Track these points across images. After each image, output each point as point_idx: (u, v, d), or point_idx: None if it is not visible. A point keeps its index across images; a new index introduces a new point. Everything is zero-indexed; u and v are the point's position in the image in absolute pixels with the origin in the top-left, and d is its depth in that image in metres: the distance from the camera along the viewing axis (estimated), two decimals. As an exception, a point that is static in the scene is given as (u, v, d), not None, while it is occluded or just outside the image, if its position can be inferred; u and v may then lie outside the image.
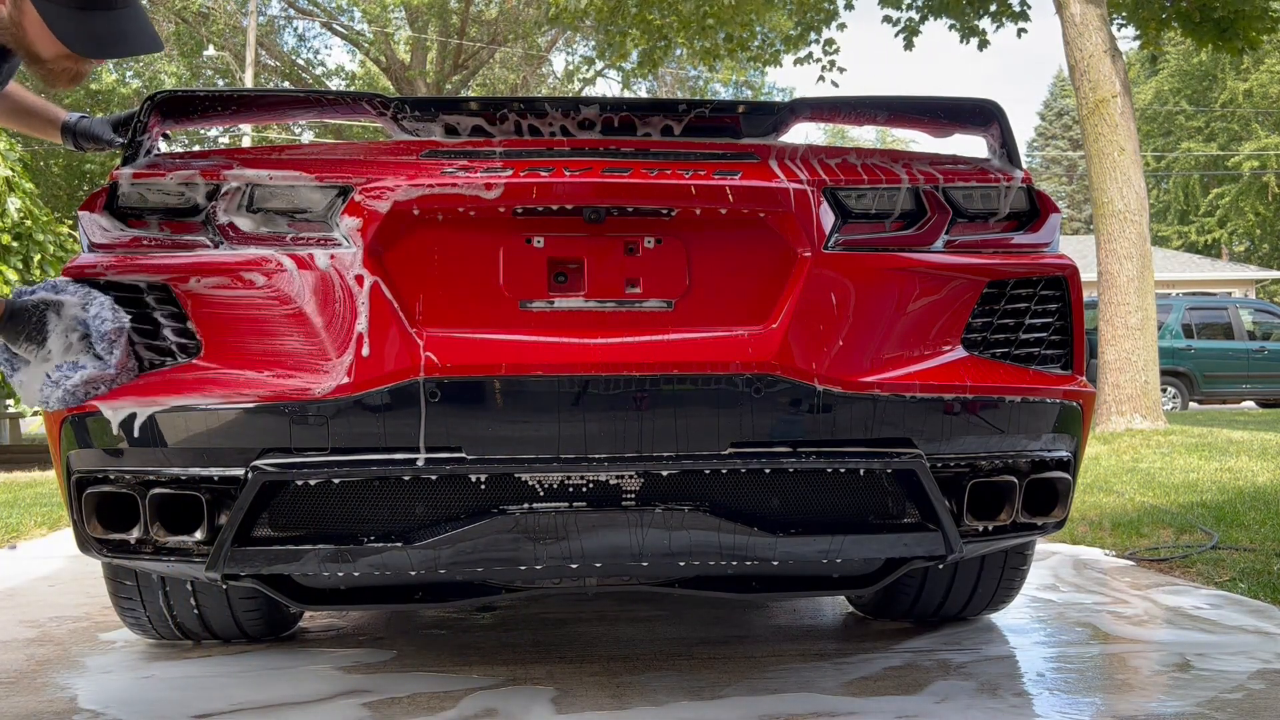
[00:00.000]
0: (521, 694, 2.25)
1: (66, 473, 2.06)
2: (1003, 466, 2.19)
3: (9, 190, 9.20)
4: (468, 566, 2.06)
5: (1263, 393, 16.62)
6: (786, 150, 2.20)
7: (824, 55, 13.13)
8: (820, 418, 2.01)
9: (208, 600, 2.59)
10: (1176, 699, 2.18)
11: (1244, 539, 3.97)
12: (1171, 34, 10.93)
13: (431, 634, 2.87)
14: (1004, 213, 2.23)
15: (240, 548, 1.99)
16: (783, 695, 2.22)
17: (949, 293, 2.13)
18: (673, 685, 2.30)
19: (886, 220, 2.15)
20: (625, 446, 1.97)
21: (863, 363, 2.04)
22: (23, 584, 3.80)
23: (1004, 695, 2.23)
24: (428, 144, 2.14)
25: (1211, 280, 28.22)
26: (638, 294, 2.03)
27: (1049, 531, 2.29)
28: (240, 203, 2.05)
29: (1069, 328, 2.23)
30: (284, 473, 1.93)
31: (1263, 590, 3.18)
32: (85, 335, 1.97)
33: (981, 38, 11.74)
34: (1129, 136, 9.18)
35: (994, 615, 2.95)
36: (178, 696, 2.29)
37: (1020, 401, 2.13)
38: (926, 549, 2.16)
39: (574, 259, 2.04)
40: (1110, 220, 9.15)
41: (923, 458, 2.05)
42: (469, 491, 2.02)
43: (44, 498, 6.44)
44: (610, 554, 2.07)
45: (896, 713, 2.11)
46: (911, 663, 2.48)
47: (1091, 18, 9.26)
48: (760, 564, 2.13)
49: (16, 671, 2.51)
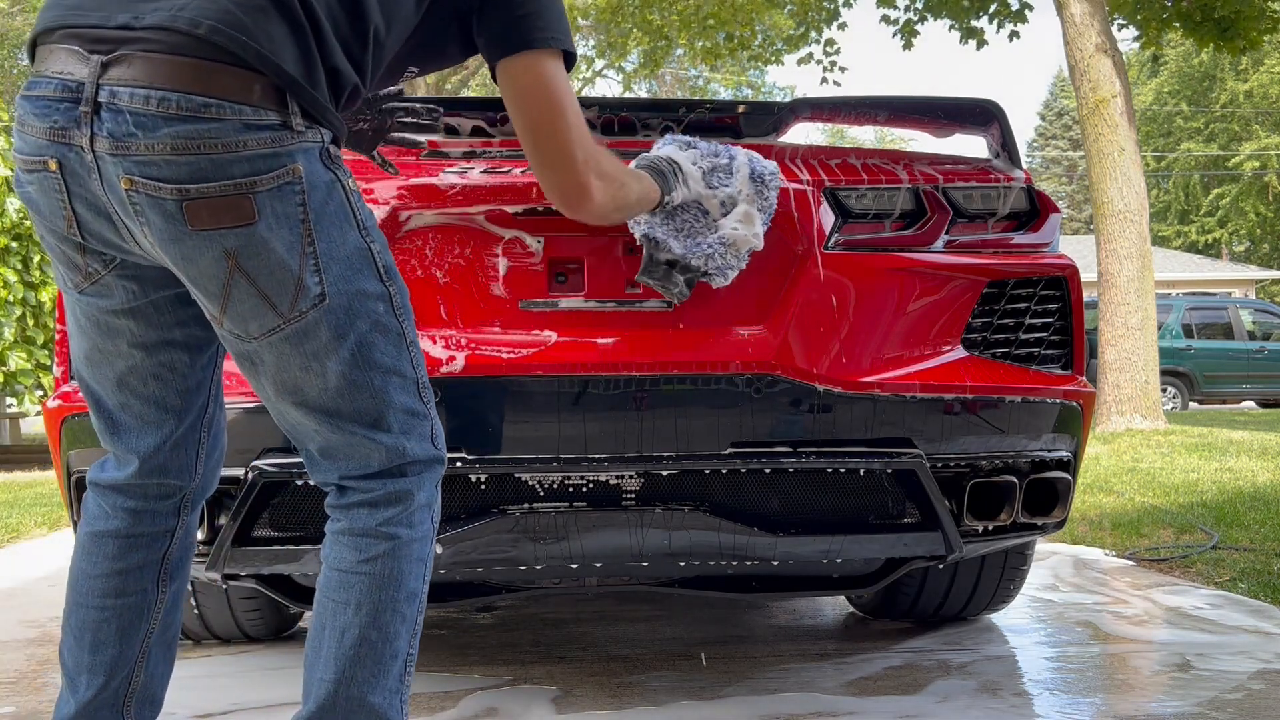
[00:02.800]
0: (522, 694, 2.25)
1: (66, 472, 2.06)
2: (1003, 466, 2.19)
3: (9, 190, 9.20)
4: (468, 566, 2.06)
5: (1263, 393, 16.63)
6: (786, 150, 2.20)
7: (825, 55, 13.14)
8: (820, 418, 2.01)
9: (208, 600, 2.59)
10: (1176, 699, 2.18)
11: (1244, 539, 3.97)
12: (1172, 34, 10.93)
13: (431, 634, 2.87)
14: (1004, 213, 2.23)
15: (240, 548, 1.99)
16: (783, 695, 2.23)
17: (949, 293, 2.13)
18: (673, 685, 2.30)
19: (886, 220, 2.15)
20: (625, 446, 1.97)
21: (863, 363, 2.04)
22: (23, 584, 3.80)
23: (1004, 695, 2.23)
24: (428, 144, 2.14)
25: (1211, 280, 28.23)
26: (638, 294, 2.04)
27: (1049, 531, 2.29)
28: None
29: (1069, 328, 2.23)
30: (284, 473, 1.93)
31: (1263, 590, 3.18)
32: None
33: (980, 38, 11.74)
34: (1129, 136, 9.18)
35: (994, 615, 2.95)
36: (178, 696, 2.29)
37: (1020, 401, 2.13)
38: (926, 549, 2.16)
39: (574, 259, 2.04)
40: (1110, 220, 9.15)
41: (923, 458, 2.05)
42: (469, 491, 2.02)
43: (44, 498, 6.44)
44: (610, 554, 2.07)
45: (896, 713, 2.11)
46: (911, 663, 2.48)
47: (1091, 18, 9.26)
48: (760, 564, 2.13)
49: (17, 671, 2.51)
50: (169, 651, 1.61)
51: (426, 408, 1.46)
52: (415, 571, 1.44)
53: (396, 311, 1.42)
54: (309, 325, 1.36)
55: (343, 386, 1.39)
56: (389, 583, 1.41)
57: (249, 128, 1.28)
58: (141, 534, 1.53)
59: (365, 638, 1.40)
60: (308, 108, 1.33)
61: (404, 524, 1.43)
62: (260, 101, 1.29)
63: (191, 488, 1.57)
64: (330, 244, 1.35)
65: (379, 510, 1.43)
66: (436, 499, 1.49)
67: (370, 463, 1.43)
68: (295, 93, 1.31)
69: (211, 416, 1.57)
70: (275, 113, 1.30)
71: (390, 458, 1.43)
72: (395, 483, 1.43)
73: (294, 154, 1.32)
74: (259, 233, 1.30)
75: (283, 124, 1.31)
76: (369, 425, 1.41)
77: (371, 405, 1.41)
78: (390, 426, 1.42)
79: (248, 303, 1.34)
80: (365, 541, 1.42)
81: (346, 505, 1.45)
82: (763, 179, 2.00)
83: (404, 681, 1.44)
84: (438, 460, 1.48)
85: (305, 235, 1.33)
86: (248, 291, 1.33)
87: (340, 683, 1.39)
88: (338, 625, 1.41)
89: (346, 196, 1.38)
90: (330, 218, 1.35)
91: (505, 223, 2.03)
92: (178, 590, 1.60)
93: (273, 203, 1.30)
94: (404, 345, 1.43)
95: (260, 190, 1.30)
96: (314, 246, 1.33)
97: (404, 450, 1.43)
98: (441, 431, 1.50)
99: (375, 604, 1.40)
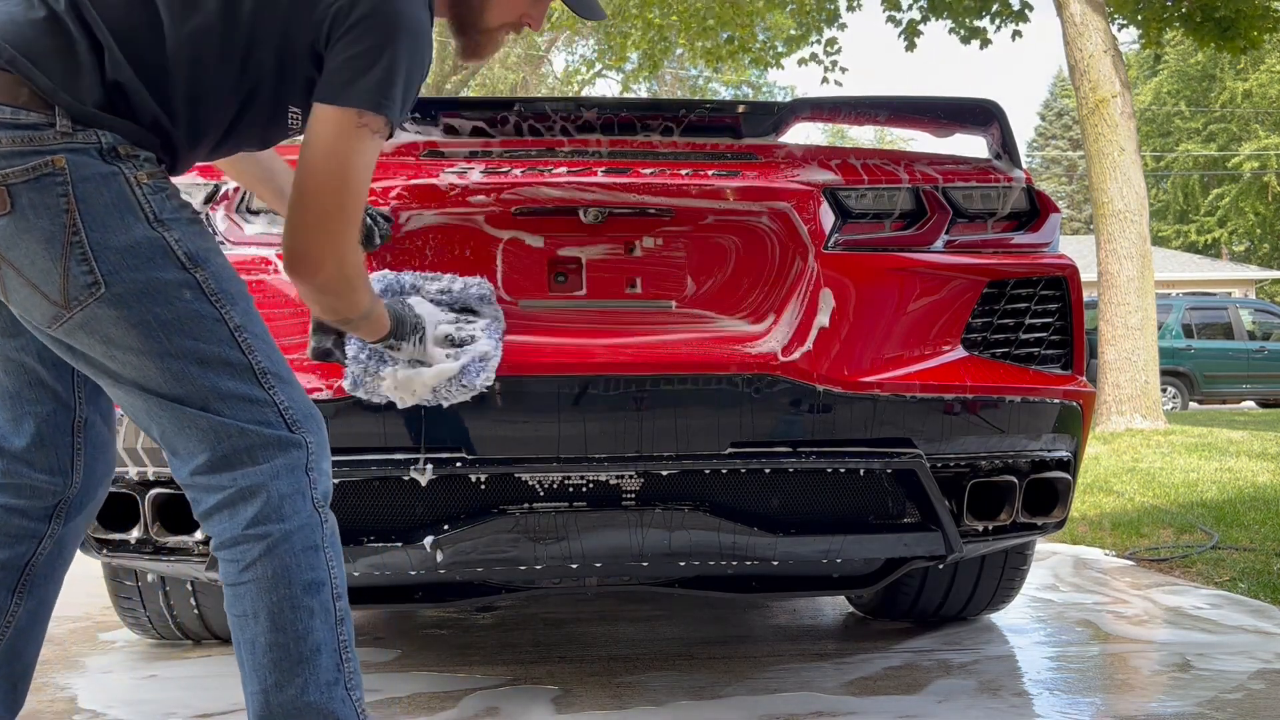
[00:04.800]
0: (522, 694, 2.25)
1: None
2: (1003, 466, 2.19)
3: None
4: (468, 566, 2.06)
5: (1263, 393, 16.62)
6: (786, 150, 2.20)
7: (826, 56, 13.13)
8: (820, 417, 2.01)
9: (208, 600, 2.59)
10: (1176, 699, 2.18)
11: (1244, 539, 3.97)
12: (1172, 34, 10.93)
13: (432, 634, 2.87)
14: (1004, 213, 2.23)
15: (240, 548, 1.99)
16: (783, 695, 2.23)
17: (949, 292, 2.13)
18: (673, 685, 2.30)
19: (886, 220, 2.15)
20: (625, 446, 1.97)
21: (863, 362, 2.04)
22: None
23: (1004, 695, 2.23)
24: (427, 144, 2.14)
25: (1211, 280, 28.21)
26: (638, 294, 2.03)
27: (1049, 531, 2.29)
28: (240, 203, 2.05)
29: (1069, 328, 2.23)
30: (284, 473, 1.92)
31: (1263, 590, 3.18)
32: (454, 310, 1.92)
33: (983, 38, 11.74)
34: (1129, 136, 9.17)
35: (994, 615, 2.95)
36: (178, 696, 2.29)
37: (1020, 401, 2.13)
38: (926, 549, 2.16)
39: (574, 259, 2.04)
40: (1110, 220, 9.14)
41: (923, 458, 2.05)
42: (469, 491, 2.02)
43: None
44: (610, 554, 2.07)
45: (896, 713, 2.11)
46: (911, 663, 2.48)
47: (1092, 18, 9.26)
48: (760, 564, 2.13)
49: (17, 671, 2.51)
50: (14, 692, 1.56)
51: (269, 393, 1.42)
52: (307, 561, 1.41)
53: (210, 297, 1.40)
54: (94, 314, 1.36)
55: (153, 373, 1.38)
56: (278, 583, 1.39)
57: (4, 126, 1.33)
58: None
59: (274, 643, 1.39)
60: (76, 115, 1.35)
61: (272, 519, 1.40)
62: (26, 104, 1.34)
63: (68, 495, 1.54)
64: (104, 233, 1.35)
65: (238, 511, 1.40)
66: (308, 481, 1.43)
67: (200, 450, 1.40)
68: (56, 100, 1.34)
69: (86, 422, 1.55)
70: (38, 114, 1.34)
71: (229, 451, 1.40)
72: (244, 475, 1.40)
73: (55, 150, 1.34)
74: (14, 222, 1.33)
75: (46, 123, 1.34)
76: (194, 410, 1.39)
77: (192, 392, 1.39)
78: (224, 417, 1.40)
79: (22, 292, 1.37)
80: (238, 551, 1.40)
81: (206, 515, 1.43)
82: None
83: (341, 670, 1.42)
84: (290, 443, 1.42)
85: (70, 225, 1.34)
86: (18, 281, 1.37)
87: (267, 692, 1.39)
88: (246, 638, 1.40)
89: (131, 188, 1.37)
90: (105, 208, 1.35)
91: (505, 223, 2.03)
92: (35, 610, 1.54)
93: (29, 193, 1.33)
94: (225, 330, 1.41)
95: (14, 182, 1.32)
96: (81, 235, 1.34)
97: (245, 438, 1.40)
98: (303, 414, 1.45)
99: (271, 607, 1.39)
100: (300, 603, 1.39)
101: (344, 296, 1.56)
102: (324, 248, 1.47)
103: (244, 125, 1.51)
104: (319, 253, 1.48)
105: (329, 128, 1.44)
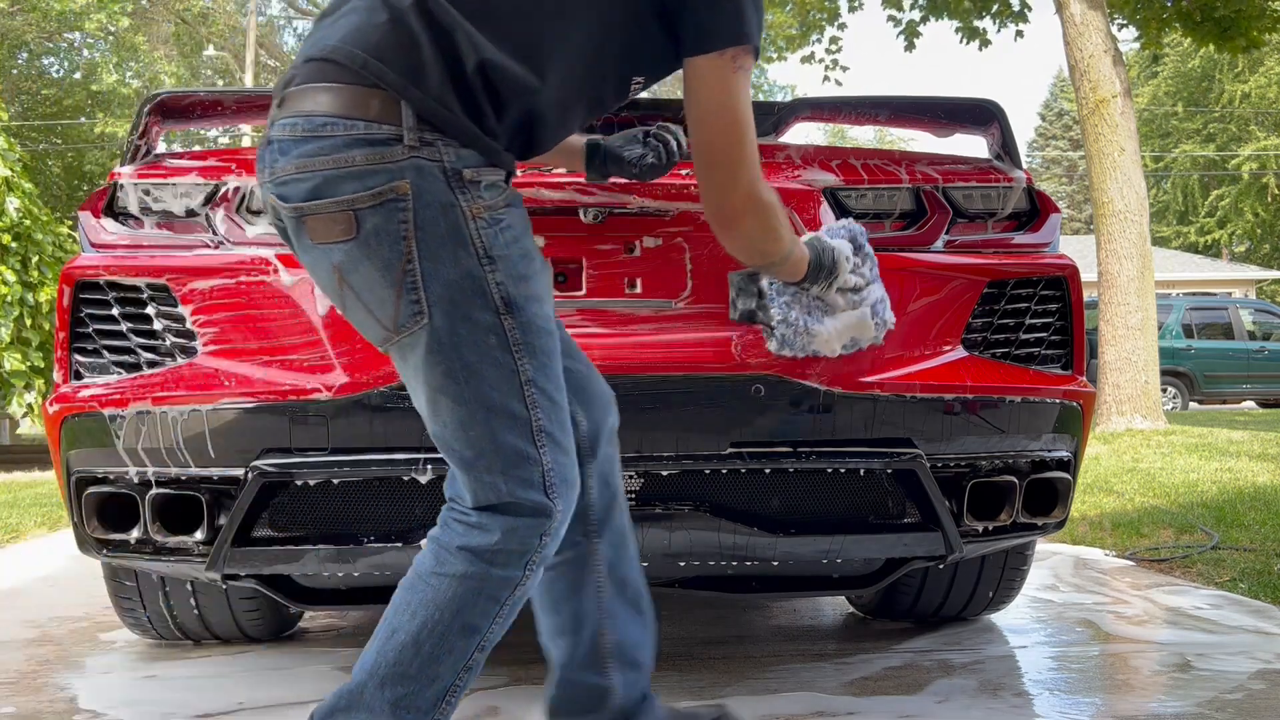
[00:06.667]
0: (523, 693, 2.25)
1: (66, 473, 2.06)
2: (1003, 466, 2.19)
3: (8, 190, 9.20)
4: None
5: (1263, 393, 16.62)
6: (786, 150, 2.20)
7: (826, 54, 13.13)
8: (820, 418, 2.01)
9: (208, 600, 2.58)
10: (1176, 699, 2.18)
11: (1244, 539, 3.97)
12: (1172, 35, 10.93)
13: (431, 634, 2.87)
14: (1004, 213, 2.23)
15: (240, 548, 1.99)
16: (783, 695, 2.22)
17: (949, 292, 2.13)
18: (673, 685, 2.30)
19: (886, 220, 2.15)
20: (625, 446, 1.96)
21: (863, 362, 2.03)
22: (23, 584, 3.80)
23: (1004, 695, 2.23)
24: None
25: (1211, 280, 28.22)
26: (638, 294, 2.03)
27: (1049, 532, 2.29)
28: (240, 203, 2.05)
29: (1069, 328, 2.23)
30: (284, 473, 1.93)
31: (1263, 590, 3.18)
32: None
33: (982, 38, 11.74)
34: (1129, 136, 9.18)
35: (994, 615, 2.95)
36: (178, 696, 2.29)
37: (1020, 401, 2.13)
38: (926, 549, 2.15)
39: (574, 259, 2.04)
40: (1110, 220, 9.15)
41: (923, 458, 2.05)
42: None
43: (44, 498, 6.44)
44: (610, 554, 2.06)
45: (896, 713, 2.11)
46: (911, 663, 2.48)
47: (1092, 18, 9.26)
48: (760, 564, 2.13)
49: (17, 671, 2.51)
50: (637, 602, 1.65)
51: (540, 453, 1.41)
52: (481, 609, 1.41)
53: (513, 347, 1.39)
54: (414, 342, 1.37)
55: (442, 411, 1.40)
56: (449, 605, 1.40)
57: (359, 143, 1.32)
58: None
59: (407, 647, 1.39)
60: (422, 111, 1.33)
61: (489, 561, 1.40)
62: (378, 116, 1.33)
63: (581, 433, 1.60)
64: (435, 263, 1.35)
65: (470, 533, 1.41)
66: (537, 545, 1.42)
67: (465, 494, 1.43)
68: (405, 95, 1.33)
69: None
70: (389, 126, 1.33)
71: (484, 495, 1.41)
72: (491, 519, 1.41)
73: (403, 165, 1.33)
74: (358, 248, 1.34)
75: (394, 138, 1.33)
76: (469, 457, 1.41)
77: (472, 438, 1.39)
78: (489, 465, 1.40)
79: (358, 314, 1.41)
80: (445, 555, 1.42)
81: (447, 515, 1.46)
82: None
83: (438, 710, 1.42)
84: (543, 510, 1.42)
85: (406, 252, 1.34)
86: (356, 303, 1.39)
87: (371, 679, 1.40)
88: (391, 623, 1.42)
89: (466, 221, 1.36)
90: (439, 239, 1.35)
91: (505, 223, 2.02)
92: (616, 543, 1.64)
93: (374, 218, 1.33)
94: (517, 383, 1.40)
95: (360, 207, 1.33)
96: (414, 264, 1.34)
97: (499, 490, 1.40)
98: (562, 480, 1.44)
99: (427, 621, 1.39)
100: (450, 637, 1.40)
101: (769, 237, 1.63)
102: (743, 199, 1.53)
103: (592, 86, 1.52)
104: (739, 203, 1.54)
105: (708, 80, 1.46)
